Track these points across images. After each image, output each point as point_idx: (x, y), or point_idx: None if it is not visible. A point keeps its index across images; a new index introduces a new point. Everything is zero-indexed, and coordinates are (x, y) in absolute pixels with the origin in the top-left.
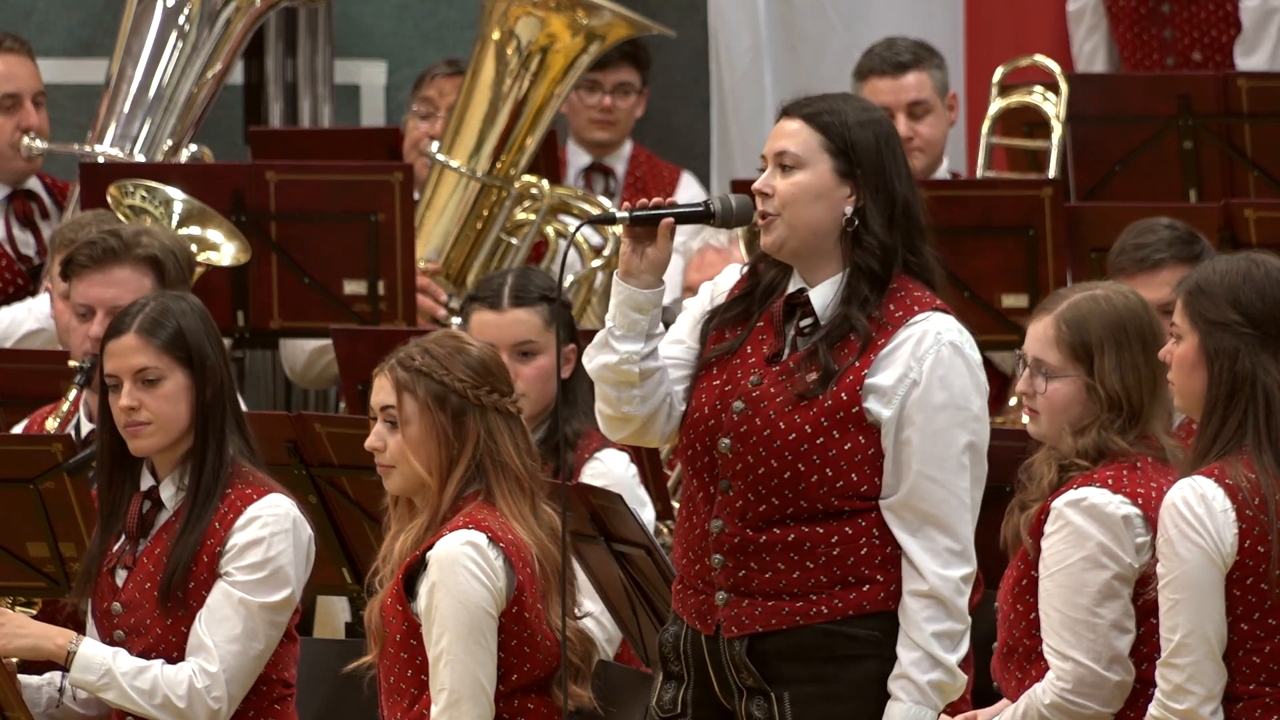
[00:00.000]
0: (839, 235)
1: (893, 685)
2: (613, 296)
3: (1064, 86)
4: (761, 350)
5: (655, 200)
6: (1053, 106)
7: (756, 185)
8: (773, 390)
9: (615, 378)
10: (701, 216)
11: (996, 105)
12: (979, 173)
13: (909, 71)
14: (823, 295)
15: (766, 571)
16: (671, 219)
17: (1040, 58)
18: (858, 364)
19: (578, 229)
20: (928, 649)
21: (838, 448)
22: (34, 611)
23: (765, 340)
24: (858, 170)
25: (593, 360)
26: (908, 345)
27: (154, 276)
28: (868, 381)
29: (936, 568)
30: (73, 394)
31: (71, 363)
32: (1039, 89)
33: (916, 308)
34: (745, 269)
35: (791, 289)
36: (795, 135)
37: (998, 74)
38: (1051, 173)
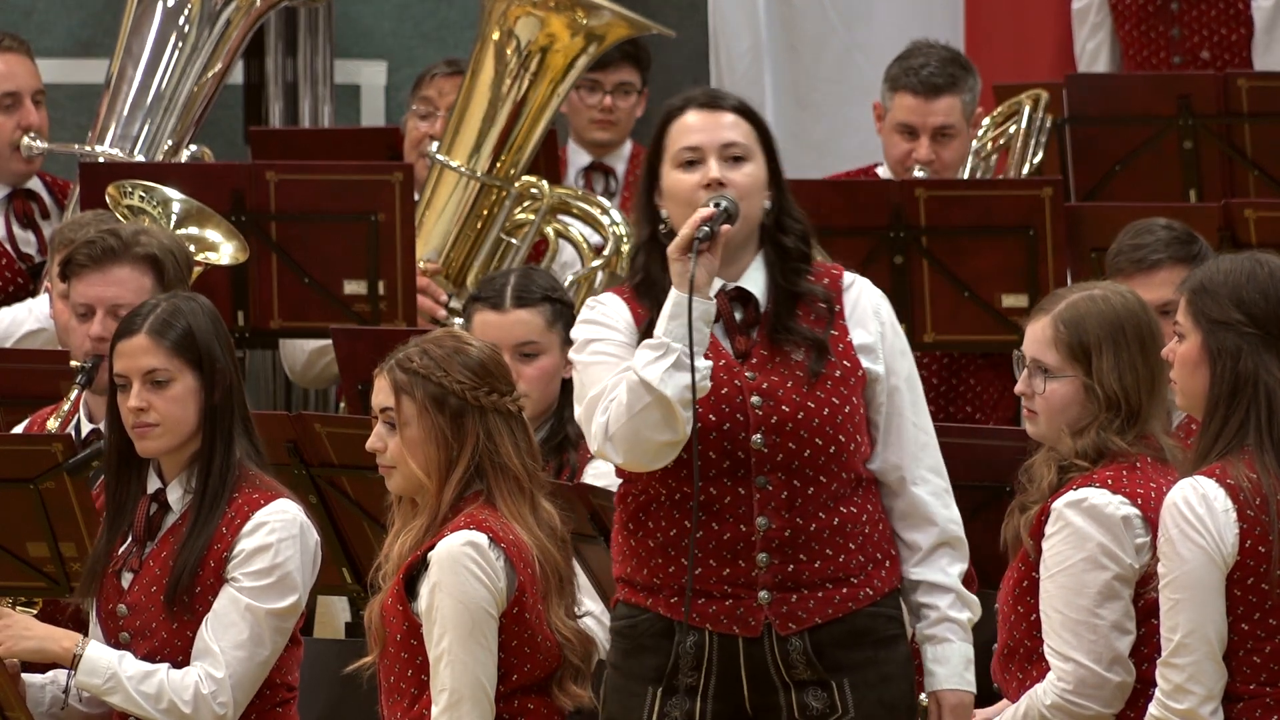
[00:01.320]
0: (759, 224)
1: (937, 630)
2: (675, 317)
3: (1046, 96)
4: (719, 349)
5: (696, 216)
6: (1031, 103)
7: (713, 175)
8: (775, 379)
9: (689, 397)
10: (727, 219)
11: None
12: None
13: (942, 96)
14: (756, 283)
15: (816, 560)
16: (727, 225)
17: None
18: (836, 332)
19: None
20: (957, 591)
21: (857, 413)
22: (35, 611)
23: (713, 341)
24: (774, 161)
25: (668, 384)
26: (862, 302)
27: (153, 276)
28: (856, 343)
29: (943, 510)
30: (74, 394)
31: (73, 363)
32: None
33: (835, 270)
34: (633, 287)
35: (718, 287)
36: (738, 127)
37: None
38: (1021, 150)
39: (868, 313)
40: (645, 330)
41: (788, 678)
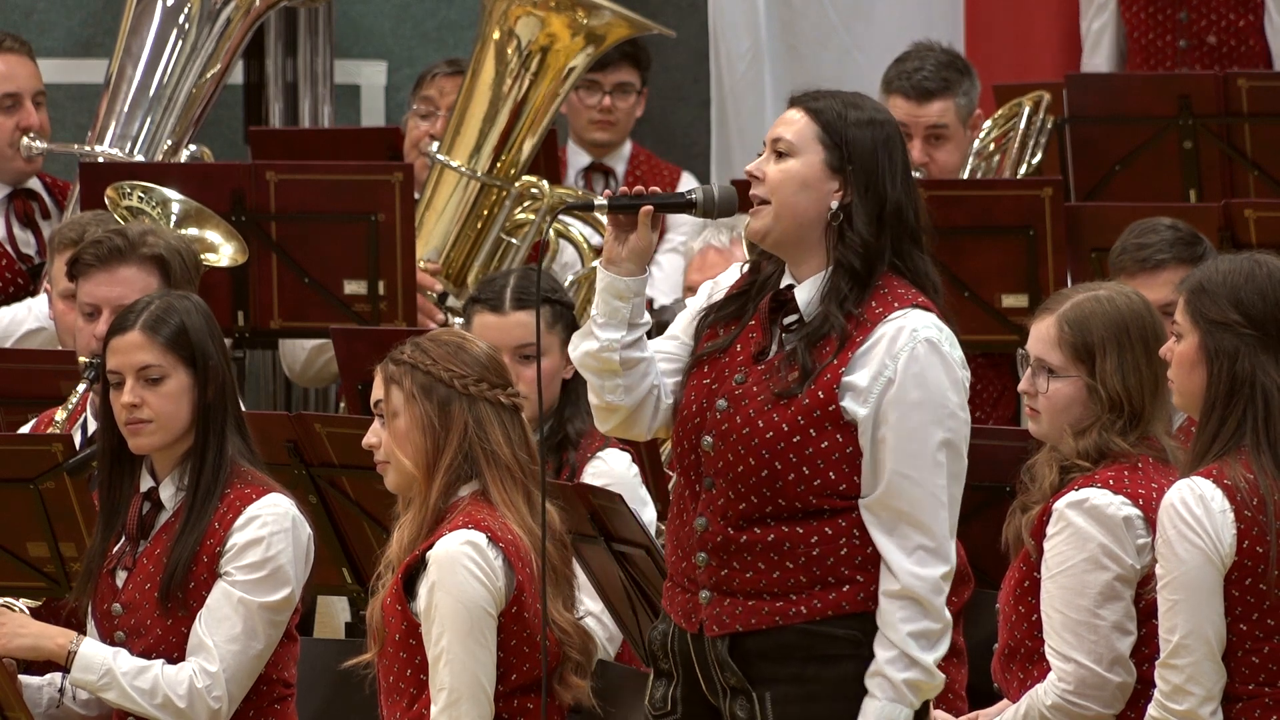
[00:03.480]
0: (824, 229)
1: (868, 682)
2: (596, 284)
3: (1047, 98)
4: (749, 348)
5: (637, 188)
6: (1031, 104)
7: (749, 168)
8: (755, 389)
9: (597, 365)
10: (683, 206)
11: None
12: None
13: (933, 101)
14: (807, 292)
15: (748, 571)
16: (651, 206)
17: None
18: (835, 362)
19: (552, 214)
20: (904, 649)
21: (814, 446)
22: (36, 604)
23: (755, 338)
24: (849, 166)
25: (576, 348)
26: (883, 343)
27: (160, 276)
28: (844, 380)
29: (912, 566)
30: (81, 388)
31: (81, 359)
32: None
33: (896, 304)
34: (746, 266)
35: (783, 285)
36: (793, 124)
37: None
38: (1019, 153)
39: (882, 355)
40: (725, 297)
41: (723, 681)
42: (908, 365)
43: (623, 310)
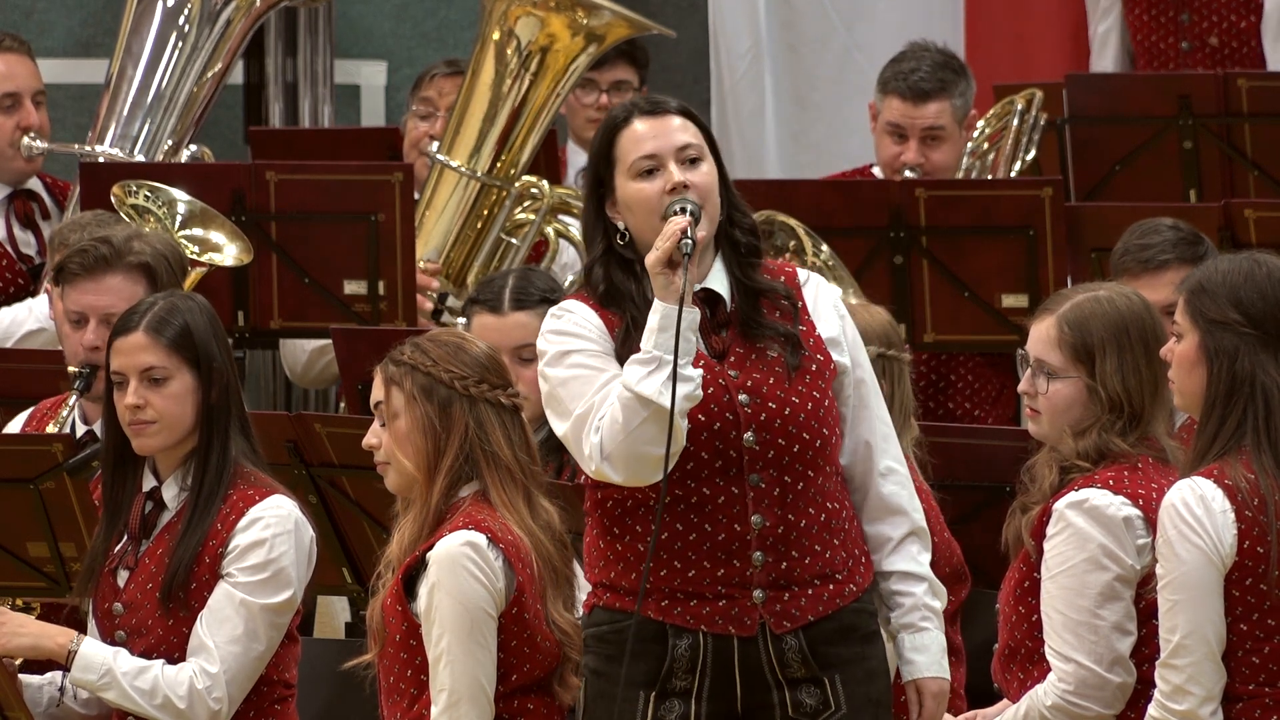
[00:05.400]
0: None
1: (913, 618)
2: (664, 329)
3: (1039, 95)
4: (697, 350)
5: (678, 228)
6: (1024, 101)
7: (678, 179)
8: (758, 375)
9: (687, 406)
10: (696, 223)
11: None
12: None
13: (930, 102)
14: (720, 282)
15: (806, 557)
16: (704, 234)
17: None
18: (804, 326)
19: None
20: (930, 579)
21: (834, 405)
22: (34, 615)
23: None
24: (719, 158)
25: (666, 396)
26: (821, 296)
27: (146, 283)
28: (825, 337)
29: (910, 501)
30: (72, 400)
31: (70, 369)
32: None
33: (788, 268)
34: (597, 297)
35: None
36: (687, 129)
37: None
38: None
39: (828, 306)
40: (622, 338)
41: (781, 676)
42: (844, 311)
43: (695, 343)
